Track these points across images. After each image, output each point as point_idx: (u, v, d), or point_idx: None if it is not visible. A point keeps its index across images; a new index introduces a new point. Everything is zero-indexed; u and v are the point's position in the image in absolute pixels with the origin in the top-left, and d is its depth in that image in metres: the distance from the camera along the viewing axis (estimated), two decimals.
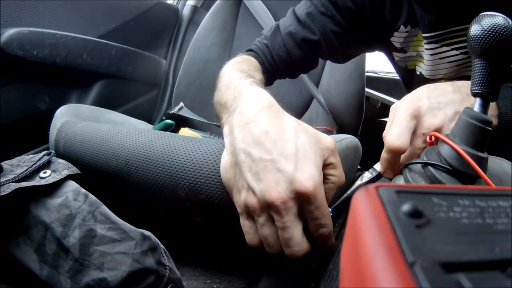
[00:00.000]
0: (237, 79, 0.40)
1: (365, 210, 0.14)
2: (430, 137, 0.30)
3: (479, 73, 0.26)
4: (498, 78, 0.26)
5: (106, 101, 0.95)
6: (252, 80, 0.40)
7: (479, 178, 0.25)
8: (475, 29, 0.25)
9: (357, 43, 0.57)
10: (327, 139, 0.32)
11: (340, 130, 0.87)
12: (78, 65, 0.87)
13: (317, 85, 0.93)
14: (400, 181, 0.31)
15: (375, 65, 1.49)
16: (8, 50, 0.73)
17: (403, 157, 0.34)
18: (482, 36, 0.25)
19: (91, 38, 0.90)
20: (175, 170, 0.38)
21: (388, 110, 0.37)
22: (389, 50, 0.57)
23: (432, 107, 0.33)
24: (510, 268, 0.11)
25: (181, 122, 0.90)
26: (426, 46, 0.49)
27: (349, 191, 0.36)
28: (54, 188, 0.34)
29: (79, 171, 0.38)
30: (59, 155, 0.51)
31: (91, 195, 0.35)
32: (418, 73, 0.55)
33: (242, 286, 0.46)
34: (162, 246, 0.34)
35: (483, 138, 0.25)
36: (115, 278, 0.30)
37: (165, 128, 0.72)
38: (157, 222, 0.43)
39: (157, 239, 0.34)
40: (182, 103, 0.98)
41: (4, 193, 0.30)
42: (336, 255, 0.31)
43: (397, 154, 0.33)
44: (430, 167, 0.27)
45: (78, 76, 0.90)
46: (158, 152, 0.40)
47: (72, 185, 0.35)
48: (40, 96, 0.83)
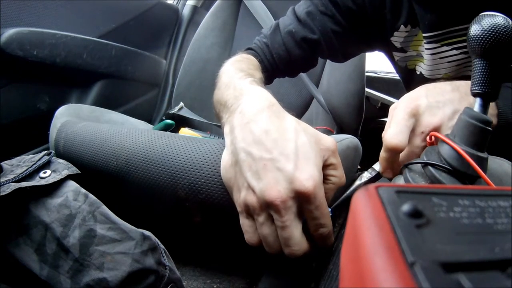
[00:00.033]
0: (237, 78, 0.40)
1: (365, 210, 0.14)
2: (430, 137, 0.30)
3: (479, 73, 0.26)
4: (498, 78, 0.26)
5: (106, 101, 0.95)
6: (252, 79, 0.40)
7: (479, 178, 0.25)
8: (475, 29, 0.25)
9: (357, 42, 0.57)
10: (328, 139, 0.32)
11: (340, 130, 0.87)
12: (78, 65, 0.87)
13: (317, 85, 0.92)
14: (400, 181, 0.31)
15: (375, 65, 1.49)
16: (8, 50, 0.73)
17: (402, 156, 0.34)
18: (482, 36, 0.25)
19: (91, 38, 0.90)
20: (175, 170, 0.38)
21: (388, 110, 0.36)
22: (389, 50, 0.57)
23: (430, 106, 0.33)
24: (510, 268, 0.11)
25: (181, 122, 0.90)
26: (426, 45, 0.49)
27: (348, 191, 0.36)
28: (54, 188, 0.34)
29: (79, 171, 0.38)
30: (59, 155, 0.51)
31: (91, 195, 0.35)
32: (418, 72, 0.55)
33: (242, 286, 0.46)
34: (162, 246, 0.34)
35: (483, 138, 0.25)
36: (115, 278, 0.30)
37: (165, 128, 0.72)
38: (157, 222, 0.43)
39: (157, 239, 0.34)
40: (182, 103, 0.98)
41: (4, 193, 0.30)
42: (336, 255, 0.31)
43: (395, 153, 0.33)
44: (430, 167, 0.27)
45: (78, 76, 0.90)
46: (158, 152, 0.40)
47: (72, 185, 0.35)
48: (40, 96, 0.83)
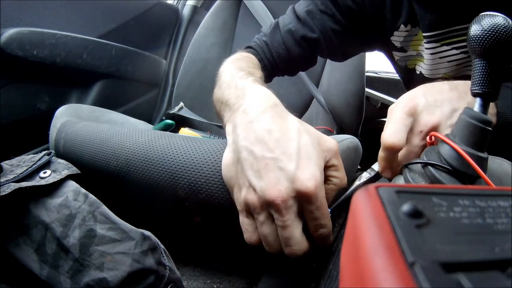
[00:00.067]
0: (238, 77, 0.40)
1: (365, 210, 0.14)
2: (430, 137, 0.30)
3: (479, 73, 0.26)
4: (498, 78, 0.26)
5: (106, 101, 0.95)
6: (254, 78, 0.40)
7: (479, 178, 0.25)
8: (475, 29, 0.25)
9: (356, 41, 0.57)
10: (330, 141, 0.32)
11: (340, 130, 0.87)
12: (78, 65, 0.87)
13: (317, 85, 0.92)
14: (400, 181, 0.31)
15: (375, 65, 1.49)
16: (8, 50, 0.73)
17: (401, 156, 0.34)
18: (482, 36, 0.25)
19: (91, 38, 0.90)
20: (175, 170, 0.38)
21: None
22: (389, 49, 0.57)
23: (429, 104, 0.33)
24: (510, 268, 0.11)
25: (181, 122, 0.90)
26: (426, 45, 0.49)
27: (348, 192, 0.36)
28: (54, 188, 0.34)
29: (79, 171, 0.38)
30: (59, 155, 0.51)
31: (91, 195, 0.35)
32: (418, 72, 0.55)
33: (242, 286, 0.46)
34: (162, 246, 0.34)
35: (483, 138, 0.25)
36: (115, 278, 0.30)
37: (165, 128, 0.72)
38: (157, 222, 0.43)
39: (157, 239, 0.34)
40: (182, 103, 0.97)
41: (4, 193, 0.30)
42: (336, 255, 0.31)
43: (393, 152, 0.32)
44: (430, 167, 0.27)
45: (78, 76, 0.90)
46: (158, 152, 0.40)
47: (72, 185, 0.35)
48: (40, 96, 0.83)
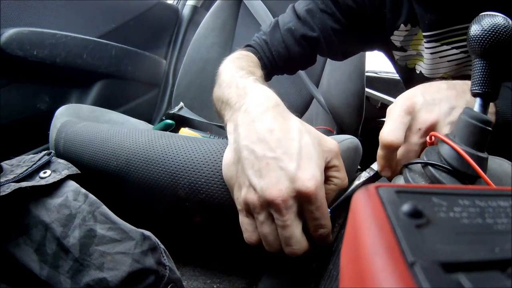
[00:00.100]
0: (238, 76, 0.40)
1: (365, 210, 0.14)
2: (430, 137, 0.30)
3: (479, 73, 0.26)
4: (498, 78, 0.26)
5: (106, 101, 0.95)
6: (255, 77, 0.40)
7: (479, 178, 0.25)
8: (475, 29, 0.25)
9: (356, 41, 0.57)
10: (331, 141, 0.32)
11: (340, 130, 0.87)
12: (78, 65, 0.87)
13: (317, 85, 0.92)
14: (400, 181, 0.31)
15: (375, 65, 1.49)
16: (8, 50, 0.73)
17: (399, 154, 0.34)
18: (482, 36, 0.25)
19: (91, 38, 0.90)
20: (175, 170, 0.38)
21: None
22: (389, 49, 0.57)
23: (427, 103, 0.33)
24: (510, 268, 0.11)
25: (181, 122, 0.90)
26: (426, 45, 0.49)
27: (347, 192, 0.36)
28: (54, 188, 0.34)
29: (79, 171, 0.38)
30: (59, 155, 0.51)
31: (91, 195, 0.35)
32: (418, 72, 0.55)
33: (242, 286, 0.46)
34: (162, 246, 0.34)
35: (483, 138, 0.25)
36: (115, 278, 0.30)
37: (165, 128, 0.72)
38: (157, 222, 0.43)
39: (157, 239, 0.34)
40: (182, 103, 0.97)
41: (4, 193, 0.30)
42: (336, 255, 0.31)
43: (391, 150, 0.32)
44: (430, 167, 0.27)
45: (78, 76, 0.90)
46: (158, 152, 0.40)
47: (72, 185, 0.35)
48: (40, 96, 0.83)
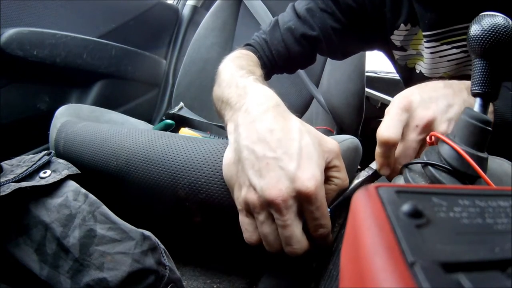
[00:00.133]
0: (238, 76, 0.40)
1: (365, 210, 0.14)
2: (430, 137, 0.30)
3: (479, 73, 0.26)
4: (498, 78, 0.26)
5: (106, 101, 0.95)
6: (255, 77, 0.40)
7: (479, 178, 0.25)
8: (475, 29, 0.25)
9: (356, 40, 0.57)
10: (331, 142, 0.32)
11: (340, 130, 0.87)
12: (78, 65, 0.87)
13: (317, 85, 0.92)
14: (400, 181, 0.31)
15: (375, 65, 1.49)
16: (8, 50, 0.73)
17: (398, 152, 0.34)
18: (482, 36, 0.25)
19: (91, 38, 0.90)
20: (175, 170, 0.38)
21: None
22: (389, 48, 0.57)
23: (424, 100, 0.33)
24: (510, 268, 0.11)
25: (181, 122, 0.90)
26: (426, 44, 0.49)
27: (347, 191, 0.36)
28: (54, 188, 0.34)
29: (79, 171, 0.38)
30: (59, 155, 0.51)
31: (91, 195, 0.35)
32: (417, 71, 0.55)
33: (242, 286, 0.46)
34: (162, 246, 0.34)
35: (483, 138, 0.25)
36: (115, 278, 0.30)
37: (165, 128, 0.72)
38: (157, 222, 0.43)
39: (157, 239, 0.34)
40: (182, 103, 0.97)
41: (4, 193, 0.30)
42: (336, 255, 0.31)
43: (389, 147, 0.32)
44: (430, 167, 0.27)
45: (78, 76, 0.90)
46: (158, 152, 0.40)
47: (72, 185, 0.35)
48: (40, 96, 0.83)
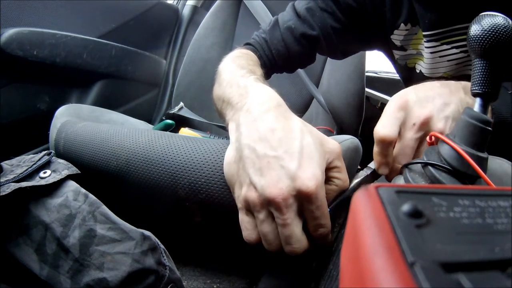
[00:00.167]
0: (239, 75, 0.40)
1: (365, 210, 0.14)
2: (430, 137, 0.30)
3: (479, 73, 0.26)
4: (498, 78, 0.26)
5: (106, 101, 0.95)
6: (256, 77, 0.40)
7: (479, 178, 0.25)
8: (475, 29, 0.25)
9: (356, 40, 0.57)
10: (332, 142, 0.32)
11: (340, 130, 0.87)
12: (78, 65, 0.87)
13: (317, 85, 0.92)
14: (400, 181, 0.31)
15: (375, 65, 1.49)
16: (8, 50, 0.73)
17: (396, 150, 0.34)
18: (482, 36, 0.25)
19: (91, 38, 0.90)
20: (175, 170, 0.38)
21: None
22: (389, 48, 0.57)
23: (420, 99, 0.33)
24: (510, 268, 0.11)
25: (181, 122, 0.90)
26: (426, 44, 0.49)
27: (346, 191, 0.36)
28: (54, 188, 0.34)
29: (79, 171, 0.38)
30: (59, 155, 0.51)
31: (91, 195, 0.35)
32: (417, 71, 0.56)
33: (242, 286, 0.46)
34: (162, 246, 0.34)
35: (483, 138, 0.25)
36: (115, 278, 0.30)
37: (165, 128, 0.72)
38: (157, 222, 0.43)
39: (157, 239, 0.34)
40: (182, 103, 0.98)
41: (4, 193, 0.30)
42: (336, 255, 0.31)
43: (386, 144, 0.32)
44: (430, 167, 0.27)
45: (78, 76, 0.90)
46: (158, 152, 0.40)
47: (72, 185, 0.35)
48: (40, 96, 0.83)
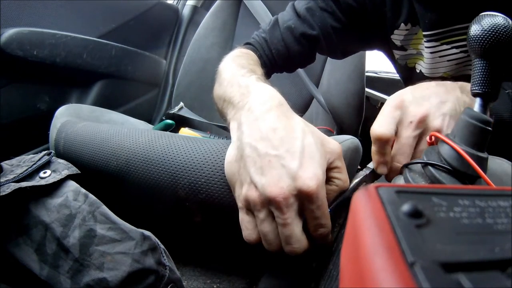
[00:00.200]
0: (240, 75, 0.40)
1: (365, 210, 0.14)
2: (430, 137, 0.30)
3: (479, 73, 0.26)
4: (498, 78, 0.26)
5: (106, 101, 0.95)
6: (257, 76, 0.40)
7: (479, 178, 0.25)
8: (475, 29, 0.25)
9: (356, 39, 0.57)
10: (333, 143, 0.32)
11: (340, 130, 0.87)
12: (78, 65, 0.87)
13: (317, 85, 0.92)
14: (400, 181, 0.31)
15: (375, 65, 1.49)
16: (8, 50, 0.73)
17: (394, 149, 0.34)
18: (482, 36, 0.25)
19: (91, 38, 0.90)
20: (175, 170, 0.38)
21: None
22: (389, 48, 0.57)
23: (416, 98, 0.33)
24: (510, 268, 0.11)
25: (181, 122, 0.90)
26: (426, 44, 0.49)
27: (346, 192, 0.36)
28: (54, 188, 0.34)
29: (79, 171, 0.38)
30: (59, 155, 0.51)
31: (91, 195, 0.35)
32: (418, 71, 0.56)
33: (242, 286, 0.46)
34: (162, 246, 0.34)
35: (483, 138, 0.25)
36: (115, 278, 0.30)
37: (165, 128, 0.72)
38: (157, 222, 0.43)
39: (157, 239, 0.34)
40: (182, 103, 0.97)
41: (4, 193, 0.30)
42: (336, 255, 0.31)
43: (383, 143, 0.32)
44: (430, 167, 0.27)
45: (78, 76, 0.90)
46: (158, 152, 0.40)
47: (72, 185, 0.35)
48: (40, 96, 0.83)
